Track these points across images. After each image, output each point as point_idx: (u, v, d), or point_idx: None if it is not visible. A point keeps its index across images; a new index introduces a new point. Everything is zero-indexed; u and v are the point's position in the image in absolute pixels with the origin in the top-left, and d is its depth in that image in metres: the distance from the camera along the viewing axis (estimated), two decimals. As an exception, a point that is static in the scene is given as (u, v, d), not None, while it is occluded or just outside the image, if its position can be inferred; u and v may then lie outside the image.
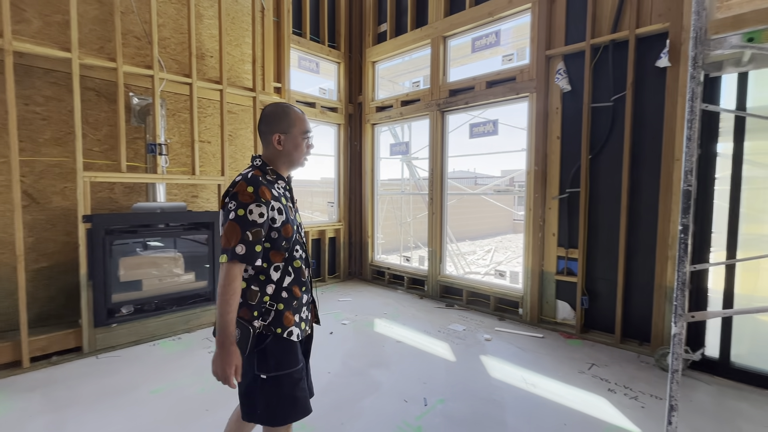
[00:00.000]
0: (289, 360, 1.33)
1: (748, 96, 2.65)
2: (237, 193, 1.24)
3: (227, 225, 1.23)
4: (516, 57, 3.99)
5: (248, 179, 1.27)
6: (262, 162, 1.37)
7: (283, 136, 1.36)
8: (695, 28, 1.55)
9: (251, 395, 1.32)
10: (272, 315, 1.32)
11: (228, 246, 1.22)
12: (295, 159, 1.40)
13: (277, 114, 1.37)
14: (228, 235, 1.22)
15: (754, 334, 2.70)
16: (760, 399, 2.43)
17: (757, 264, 2.68)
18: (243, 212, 1.22)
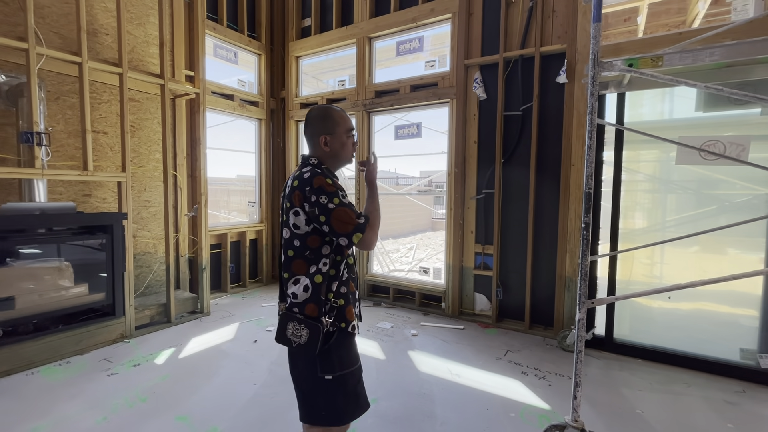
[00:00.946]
0: (351, 357, 1.37)
1: (625, 113, 3.14)
2: (321, 186, 1.27)
3: (335, 212, 1.26)
4: (438, 64, 4.19)
5: (322, 173, 1.31)
6: (318, 161, 1.40)
7: (329, 137, 1.39)
8: (593, 51, 1.78)
9: (314, 398, 1.34)
10: (336, 311, 1.34)
11: (351, 224, 1.27)
12: (343, 157, 1.44)
13: (320, 116, 1.41)
14: (344, 219, 1.26)
15: (632, 314, 3.21)
16: (636, 367, 2.89)
17: (632, 254, 3.19)
18: (338, 199, 1.28)
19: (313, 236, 1.31)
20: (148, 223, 3.88)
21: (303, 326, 1.27)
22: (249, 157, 5.29)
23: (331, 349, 1.30)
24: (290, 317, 1.31)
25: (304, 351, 1.27)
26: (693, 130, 2.93)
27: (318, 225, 1.28)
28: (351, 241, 1.27)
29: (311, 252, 1.31)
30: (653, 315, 3.15)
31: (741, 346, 2.78)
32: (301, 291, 1.30)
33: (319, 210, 1.26)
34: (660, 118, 3.14)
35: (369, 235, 1.30)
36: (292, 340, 1.29)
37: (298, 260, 1.33)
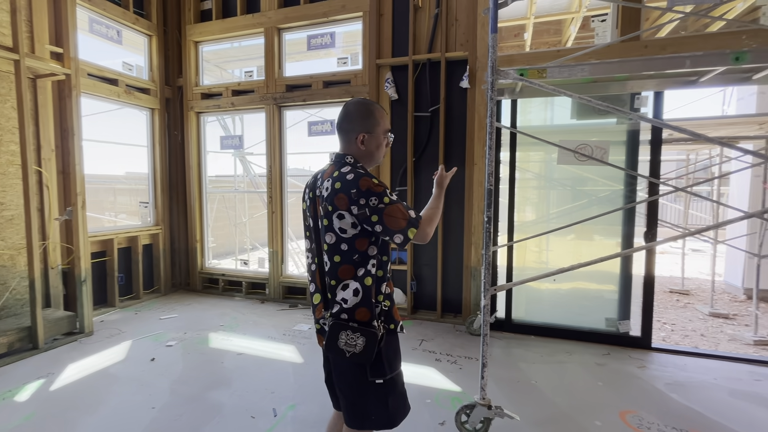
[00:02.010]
0: (398, 358, 1.36)
1: (517, 118, 3.51)
2: (369, 188, 1.21)
3: (387, 211, 1.20)
4: (350, 61, 4.19)
5: (366, 174, 1.25)
6: (354, 159, 1.33)
7: (367, 135, 1.33)
8: (491, 59, 1.94)
9: (364, 403, 1.29)
10: (385, 313, 1.33)
11: (405, 219, 1.22)
12: (376, 157, 1.38)
13: (362, 112, 1.33)
14: (397, 215, 1.21)
15: (526, 297, 3.62)
16: (531, 343, 3.28)
17: (524, 243, 3.60)
18: (388, 198, 1.22)
19: (361, 239, 1.25)
20: (1, 230, 3.17)
21: (358, 334, 1.23)
22: (141, 152, 4.66)
23: (381, 352, 1.28)
24: (342, 326, 1.24)
25: (359, 359, 1.23)
26: (569, 135, 3.41)
27: (369, 226, 1.23)
28: (406, 236, 1.23)
29: (359, 255, 1.26)
30: (542, 296, 3.60)
31: (606, 316, 3.33)
32: (351, 296, 1.25)
33: (371, 211, 1.21)
34: (544, 123, 3.58)
35: (425, 229, 1.27)
36: (346, 350, 1.23)
37: (345, 265, 1.27)
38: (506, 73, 2.11)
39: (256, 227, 8.05)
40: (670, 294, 5.51)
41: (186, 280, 4.96)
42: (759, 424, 2.15)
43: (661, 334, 4.05)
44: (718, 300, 5.15)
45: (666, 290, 5.66)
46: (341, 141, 1.36)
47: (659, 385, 2.58)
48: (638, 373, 2.75)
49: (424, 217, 1.30)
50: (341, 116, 1.35)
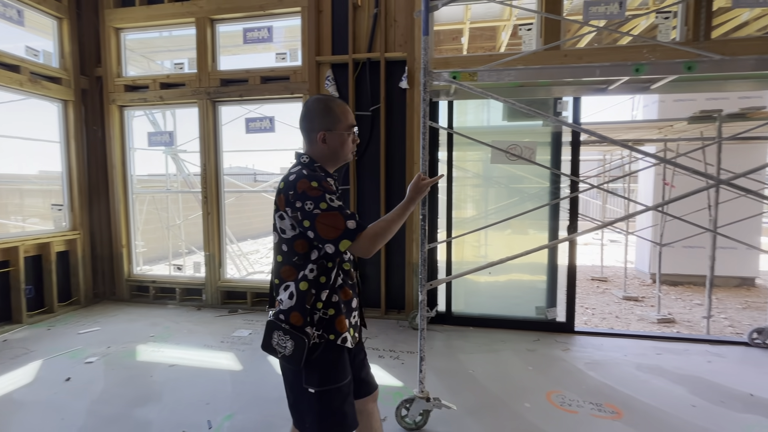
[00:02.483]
0: (338, 373, 1.26)
1: (453, 119, 3.66)
2: (305, 191, 1.17)
3: (321, 217, 1.16)
4: (289, 57, 4.08)
5: (307, 175, 1.20)
6: (309, 159, 1.29)
7: (329, 133, 1.28)
8: (423, 61, 2.00)
9: (299, 408, 1.28)
10: (325, 321, 1.25)
11: (339, 230, 1.16)
12: (342, 155, 1.33)
13: (321, 109, 1.29)
14: (331, 223, 1.16)
15: (465, 290, 3.79)
16: (469, 334, 3.43)
17: (463, 239, 3.76)
18: (325, 203, 1.16)
19: (299, 241, 1.23)
20: None
21: (288, 337, 1.20)
22: (53, 149, 4.17)
23: (316, 362, 1.23)
24: (276, 326, 1.22)
25: (288, 362, 1.21)
26: (501, 135, 3.62)
27: (303, 230, 1.20)
28: (337, 248, 1.17)
29: (299, 257, 1.24)
30: (480, 289, 3.79)
31: (536, 305, 3.59)
32: (286, 298, 1.23)
33: (303, 215, 1.17)
34: (479, 124, 3.77)
35: (364, 244, 1.18)
36: (278, 350, 1.22)
37: (286, 266, 1.25)
38: (438, 75, 2.18)
39: (193, 229, 7.57)
40: (592, 281, 6.08)
41: (111, 289, 4.54)
42: (658, 393, 2.45)
43: (583, 318, 4.46)
44: (631, 285, 5.78)
45: (588, 278, 6.24)
46: (304, 141, 1.34)
47: (580, 365, 2.84)
48: (563, 356, 3.00)
49: (371, 230, 1.21)
50: (301, 115, 1.32)
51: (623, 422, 2.14)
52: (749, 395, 2.41)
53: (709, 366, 2.82)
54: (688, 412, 2.24)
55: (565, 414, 2.22)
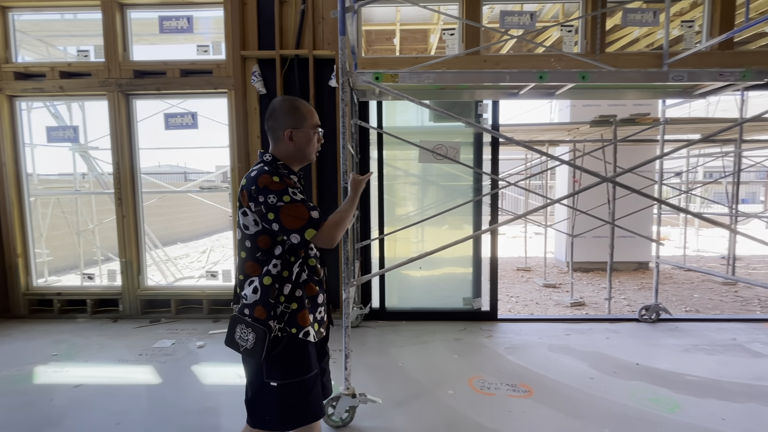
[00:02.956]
0: (302, 366, 1.28)
1: (383, 118, 3.73)
2: (266, 186, 1.21)
3: (285, 209, 1.20)
4: (212, 50, 3.86)
5: (269, 171, 1.25)
6: (272, 157, 1.33)
7: (295, 131, 1.33)
8: (341, 61, 2.01)
9: (260, 403, 1.28)
10: (288, 315, 1.28)
11: (303, 220, 1.21)
12: (307, 154, 1.38)
13: (287, 108, 1.33)
14: (295, 214, 1.21)
15: (399, 286, 3.89)
16: (402, 328, 3.54)
17: (397, 236, 3.86)
18: (288, 196, 1.22)
19: (262, 236, 1.26)
20: None
21: (250, 330, 1.22)
22: None
23: (278, 355, 1.25)
24: (239, 320, 1.25)
25: (249, 355, 1.22)
26: (428, 135, 3.76)
27: (267, 224, 1.23)
28: (303, 237, 1.22)
29: (262, 253, 1.27)
30: (413, 284, 3.92)
31: (463, 296, 3.80)
32: (250, 293, 1.26)
33: (267, 209, 1.21)
34: (409, 124, 3.88)
35: (329, 232, 1.26)
36: (240, 344, 1.24)
37: (250, 262, 1.28)
38: (362, 76, 2.21)
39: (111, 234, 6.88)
40: (517, 272, 6.57)
41: (5, 305, 3.98)
42: (564, 369, 2.73)
43: (508, 306, 4.80)
44: (550, 273, 6.33)
45: (515, 269, 6.72)
46: (270, 141, 1.37)
47: (500, 350, 3.07)
48: (486, 343, 3.21)
49: (331, 220, 1.29)
50: (267, 115, 1.36)
51: (533, 399, 2.35)
52: (636, 364, 2.78)
53: (607, 342, 3.19)
54: (587, 383, 2.53)
55: (484, 397, 2.39)
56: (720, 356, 2.90)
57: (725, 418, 2.13)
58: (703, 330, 3.41)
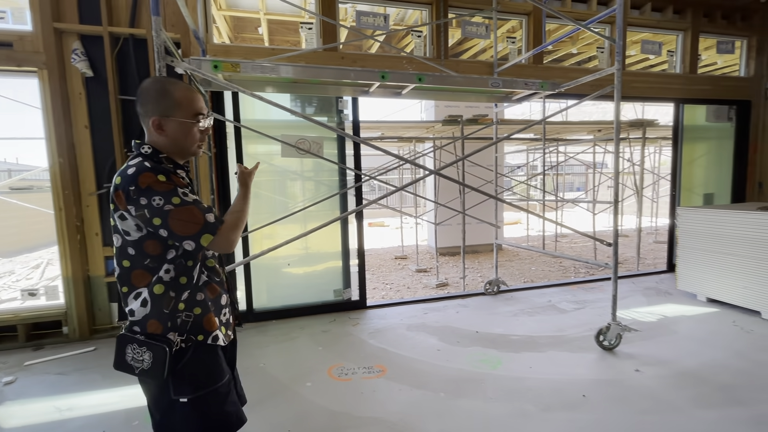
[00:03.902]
0: (214, 373, 1.16)
1: (242, 111, 3.53)
2: (149, 186, 1.03)
3: (174, 213, 1.04)
4: (11, 17, 3.14)
5: (151, 167, 1.07)
6: (152, 149, 1.13)
7: (165, 120, 1.12)
8: (156, 44, 1.82)
9: (170, 424, 1.13)
10: (190, 323, 1.13)
11: (197, 224, 1.07)
12: (186, 148, 1.17)
13: (155, 92, 1.13)
14: (187, 218, 1.06)
15: (267, 285, 3.77)
16: (269, 328, 3.44)
17: (261, 233, 3.72)
18: (178, 198, 1.06)
19: (150, 241, 1.10)
20: None
21: (144, 349, 1.07)
22: None
23: (186, 368, 1.12)
24: (128, 339, 1.09)
25: (148, 377, 1.08)
26: (291, 129, 3.70)
27: (152, 230, 1.07)
28: (198, 244, 1.08)
29: (152, 260, 1.11)
30: (282, 281, 3.84)
31: (334, 288, 3.88)
32: (139, 306, 1.10)
33: (152, 213, 1.04)
34: (269, 117, 3.75)
35: (227, 235, 1.12)
36: (134, 366, 1.08)
37: (138, 270, 1.11)
38: (196, 63, 2.04)
39: None
40: (395, 260, 6.99)
41: None
42: (417, 346, 3.00)
43: (382, 293, 5.07)
44: (423, 259, 6.90)
45: (393, 257, 7.14)
46: (144, 129, 1.17)
47: (364, 335, 3.22)
48: (352, 330, 3.33)
49: (228, 222, 1.14)
50: (136, 99, 1.16)
51: (385, 377, 2.53)
52: (476, 332, 3.21)
53: (457, 315, 3.62)
54: (434, 355, 2.82)
55: (340, 383, 2.47)
56: (538, 316, 3.54)
57: (532, 366, 2.61)
58: (529, 296, 4.12)
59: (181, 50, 3.31)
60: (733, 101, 4.98)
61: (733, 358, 2.64)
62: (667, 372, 2.48)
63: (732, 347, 2.79)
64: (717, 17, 4.83)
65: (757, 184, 5.16)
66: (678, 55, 4.82)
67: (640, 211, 5.50)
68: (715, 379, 2.37)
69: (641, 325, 3.25)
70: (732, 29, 4.91)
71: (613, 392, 2.27)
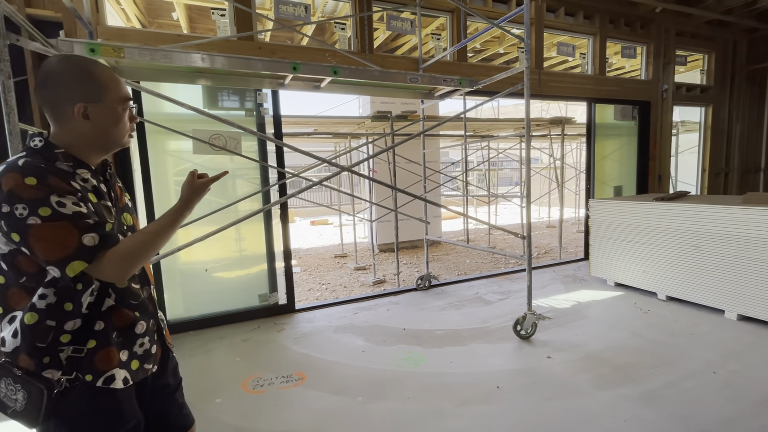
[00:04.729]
0: (103, 425, 0.95)
1: (146, 103, 3.18)
2: (12, 191, 0.82)
3: (40, 229, 0.83)
4: None
5: (21, 168, 0.85)
6: (44, 143, 0.92)
7: (93, 106, 0.94)
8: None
9: None
10: (78, 359, 0.92)
11: (67, 246, 0.85)
12: (115, 138, 0.99)
13: (74, 73, 0.92)
14: (54, 238, 0.84)
15: (183, 294, 3.46)
16: (186, 340, 3.15)
17: (176, 237, 3.40)
18: (49, 209, 0.84)
19: (22, 257, 0.88)
20: None
21: (19, 386, 0.88)
22: None
23: (71, 412, 0.92)
24: (3, 371, 0.89)
25: (21, 420, 0.89)
26: (203, 124, 3.41)
27: (14, 245, 0.86)
28: (64, 273, 0.86)
29: (29, 278, 0.89)
30: (201, 288, 3.54)
31: (259, 293, 3.66)
32: (9, 336, 0.90)
33: (11, 225, 0.83)
34: (179, 110, 3.42)
35: (110, 266, 0.90)
36: (6, 403, 0.89)
37: (13, 289, 0.90)
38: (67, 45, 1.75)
39: None
40: (334, 258, 6.85)
41: None
42: (342, 348, 2.91)
43: (317, 294, 4.92)
44: (364, 256, 6.83)
45: (332, 256, 7.00)
46: (49, 120, 0.95)
47: (288, 342, 3.06)
48: (276, 337, 3.16)
49: (126, 246, 0.92)
50: (38, 81, 0.93)
51: (304, 386, 2.41)
52: (403, 329, 3.19)
53: (387, 313, 3.59)
54: (358, 357, 2.75)
55: (254, 396, 2.31)
56: (464, 309, 3.62)
57: (452, 361, 2.63)
58: (458, 290, 4.21)
59: (64, 31, 2.90)
60: (636, 101, 5.47)
61: (632, 338, 2.87)
62: (576, 356, 2.62)
63: (631, 328, 3.04)
64: (621, 24, 5.26)
65: (657, 177, 5.74)
66: (589, 57, 5.19)
67: (562, 203, 5.87)
68: (616, 360, 2.55)
69: (558, 312, 3.44)
70: (634, 36, 5.38)
71: (524, 381, 2.35)
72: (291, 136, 6.12)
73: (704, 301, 3.30)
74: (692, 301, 3.40)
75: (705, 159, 6.40)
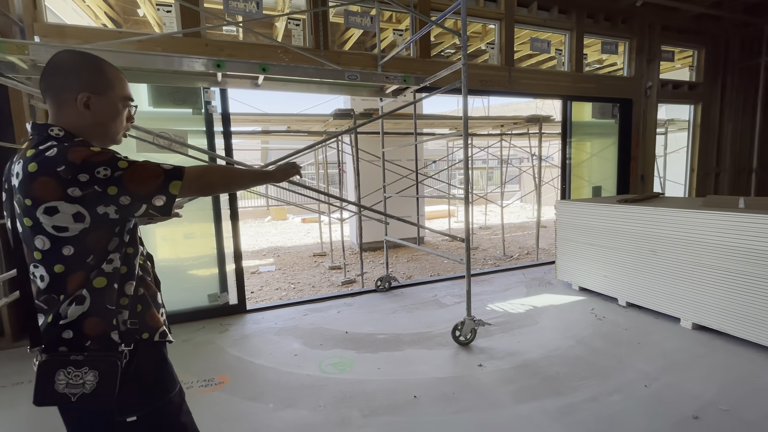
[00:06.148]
0: (165, 380, 1.02)
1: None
2: (87, 160, 0.87)
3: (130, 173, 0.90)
4: None
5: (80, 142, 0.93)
6: (64, 132, 0.94)
7: (96, 97, 0.97)
8: None
9: None
10: (133, 321, 0.98)
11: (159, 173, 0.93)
12: (110, 133, 1.03)
13: (84, 65, 0.96)
14: (144, 174, 0.92)
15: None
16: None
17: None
18: (125, 162, 0.91)
19: (95, 234, 0.91)
20: None
21: (86, 368, 0.87)
22: None
23: (132, 377, 0.94)
24: (60, 363, 0.88)
25: (97, 401, 0.87)
26: (148, 122, 3.37)
27: (106, 206, 0.89)
28: (169, 194, 0.93)
29: (95, 255, 0.93)
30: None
31: (208, 293, 3.63)
32: (73, 306, 0.90)
33: (104, 185, 0.87)
34: (126, 109, 3.40)
35: (202, 175, 0.99)
36: (70, 393, 0.86)
37: (77, 273, 0.91)
38: None
39: None
40: (312, 257, 6.81)
41: None
42: (276, 351, 2.85)
43: (283, 293, 4.87)
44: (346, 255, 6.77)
45: (311, 254, 6.95)
46: (50, 107, 0.97)
47: (226, 344, 3.02)
48: (216, 339, 3.12)
49: (205, 166, 1.04)
50: (46, 69, 0.95)
51: (222, 390, 2.36)
52: (345, 333, 3.12)
53: (337, 315, 3.52)
54: (288, 361, 2.69)
55: (168, 400, 2.26)
56: (416, 312, 3.53)
57: (380, 367, 2.55)
58: (418, 292, 4.12)
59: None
60: (616, 99, 5.28)
61: (576, 346, 2.75)
62: (508, 365, 2.52)
63: (579, 335, 2.91)
64: (600, 19, 5.07)
65: (640, 177, 5.54)
66: (565, 53, 5.01)
67: (539, 203, 5.72)
68: (548, 370, 2.44)
69: (510, 317, 3.33)
70: (615, 31, 5.19)
71: (446, 391, 2.26)
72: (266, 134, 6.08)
73: (661, 308, 3.15)
74: (650, 308, 3.25)
75: (694, 158, 6.17)
